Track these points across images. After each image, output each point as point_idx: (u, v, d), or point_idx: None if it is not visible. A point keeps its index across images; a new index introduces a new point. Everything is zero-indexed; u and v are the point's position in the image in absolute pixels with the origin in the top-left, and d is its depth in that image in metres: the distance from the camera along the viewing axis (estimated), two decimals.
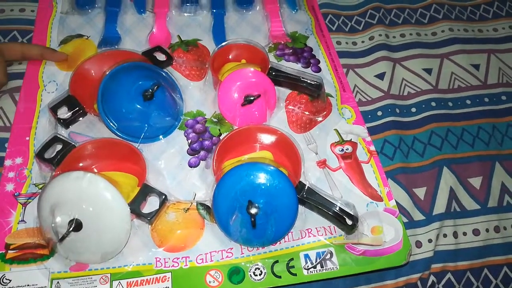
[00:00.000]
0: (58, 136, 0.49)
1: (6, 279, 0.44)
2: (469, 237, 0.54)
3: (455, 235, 0.54)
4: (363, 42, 0.70)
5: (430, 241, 0.53)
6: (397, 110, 0.62)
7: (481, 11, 0.77)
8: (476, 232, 0.55)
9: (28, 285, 0.44)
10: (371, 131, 0.60)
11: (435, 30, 0.73)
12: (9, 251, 0.45)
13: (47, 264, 0.45)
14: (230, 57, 0.62)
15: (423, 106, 0.63)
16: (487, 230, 0.55)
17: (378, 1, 0.75)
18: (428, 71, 0.68)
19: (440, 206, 0.56)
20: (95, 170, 0.49)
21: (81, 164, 0.49)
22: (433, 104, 0.63)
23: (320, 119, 0.59)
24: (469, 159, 0.59)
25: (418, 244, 0.53)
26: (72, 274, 0.45)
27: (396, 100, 0.64)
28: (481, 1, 0.78)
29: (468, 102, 0.65)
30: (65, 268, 0.45)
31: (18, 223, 0.47)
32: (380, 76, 0.66)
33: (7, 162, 0.51)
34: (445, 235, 0.54)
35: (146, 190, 0.47)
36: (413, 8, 0.75)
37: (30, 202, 0.49)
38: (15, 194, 0.49)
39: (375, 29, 0.71)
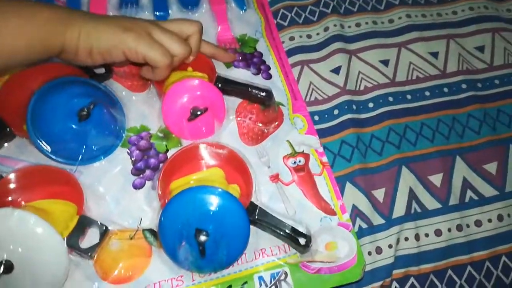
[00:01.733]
0: None
1: None
2: (431, 239, 0.53)
3: (416, 237, 0.53)
4: (318, 34, 0.67)
5: (390, 246, 0.52)
6: (354, 107, 0.60)
7: None
8: (438, 232, 0.54)
9: None
10: (328, 131, 0.59)
11: (391, 17, 0.70)
12: None
13: None
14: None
15: (380, 101, 0.61)
16: (449, 230, 0.54)
17: None
18: (385, 62, 0.65)
19: (399, 208, 0.54)
20: (23, 203, 0.44)
21: (9, 198, 0.44)
22: (391, 98, 0.61)
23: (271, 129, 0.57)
24: (428, 156, 0.58)
25: (379, 250, 0.52)
26: None
27: (353, 96, 0.61)
28: None
29: (427, 93, 0.63)
30: None
31: None
32: (336, 71, 0.63)
33: None
34: (406, 239, 0.53)
35: (84, 222, 0.43)
36: None
37: None
38: None
39: (330, 18, 0.67)
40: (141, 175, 0.51)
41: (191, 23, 0.50)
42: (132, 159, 0.52)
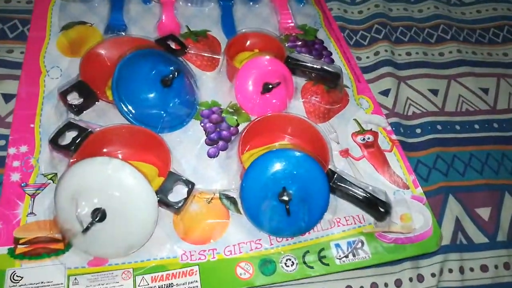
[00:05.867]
0: (73, 121, 0.46)
1: (17, 276, 0.40)
2: (477, 274, 0.50)
3: (461, 270, 0.50)
4: (368, 57, 0.67)
5: (433, 275, 0.49)
6: (401, 130, 0.59)
7: (490, 34, 0.75)
8: (484, 268, 0.51)
9: (43, 282, 0.40)
10: None
11: (442, 50, 0.70)
12: (18, 246, 0.41)
13: (62, 259, 0.41)
14: (245, 47, 0.60)
15: (429, 127, 0.60)
16: (496, 267, 0.51)
17: (385, 17, 0.72)
18: (434, 92, 0.65)
19: (445, 237, 0.51)
20: (119, 157, 0.45)
21: (104, 150, 0.45)
22: (439, 127, 0.61)
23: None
24: (477, 188, 0.56)
25: (420, 278, 0.48)
26: (90, 269, 0.41)
27: (401, 119, 0.60)
28: (490, 25, 0.76)
29: (477, 126, 0.62)
30: (83, 263, 0.41)
31: (27, 216, 0.43)
32: (385, 93, 0.63)
33: (11, 150, 0.47)
34: (450, 270, 0.50)
35: (173, 178, 0.44)
36: (420, 27, 0.73)
37: (39, 193, 0.45)
38: (22, 184, 0.45)
39: (381, 44, 0.68)
40: (215, 146, 0.52)
41: None
42: (206, 130, 0.53)
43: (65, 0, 0.63)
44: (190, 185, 0.44)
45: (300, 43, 0.65)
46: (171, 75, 0.49)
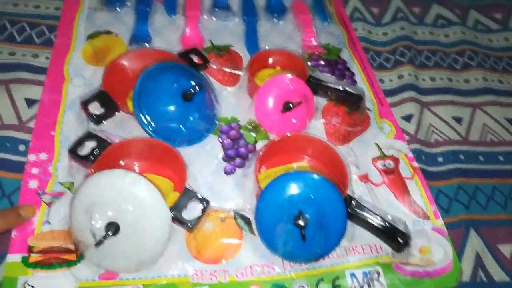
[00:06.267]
0: (93, 132, 0.46)
1: (28, 284, 0.39)
2: None
3: None
4: (391, 80, 0.66)
5: None
6: (423, 157, 0.57)
7: None
8: None
9: None
10: None
11: (468, 77, 0.69)
12: (32, 254, 0.41)
13: (74, 271, 0.41)
14: (267, 64, 0.60)
15: (451, 156, 0.59)
16: None
17: (410, 40, 0.71)
18: (458, 120, 0.63)
19: (464, 273, 0.49)
20: (136, 171, 0.45)
21: (121, 163, 0.45)
22: (462, 156, 0.59)
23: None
24: (499, 223, 0.54)
25: None
26: (101, 283, 0.41)
27: (422, 146, 0.59)
28: None
29: (501, 158, 0.60)
30: (94, 276, 0.41)
31: (42, 224, 0.43)
32: (407, 118, 0.62)
33: (31, 157, 0.47)
34: None
35: (188, 195, 0.43)
36: (446, 52, 0.72)
37: (55, 201, 0.45)
38: (39, 192, 0.45)
39: (405, 67, 0.67)
40: (232, 162, 0.52)
41: None
42: (224, 146, 0.53)
43: (93, 8, 0.63)
44: (205, 203, 0.44)
45: (323, 62, 0.64)
46: (192, 90, 0.49)
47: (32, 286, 0.39)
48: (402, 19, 0.74)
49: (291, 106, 0.53)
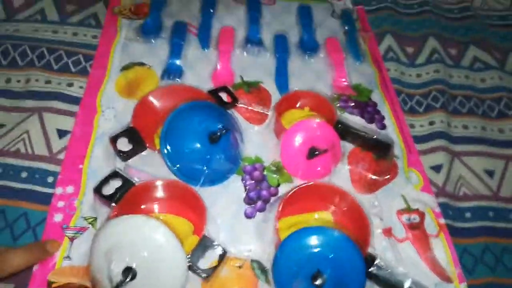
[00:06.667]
0: (118, 171, 0.47)
1: None
2: None
3: None
4: (422, 126, 0.64)
5: None
6: (450, 212, 0.55)
7: None
8: None
9: None
10: None
11: (502, 127, 0.66)
12: None
13: None
14: (296, 104, 0.59)
15: (479, 213, 0.56)
16: None
17: (444, 83, 0.69)
18: (490, 173, 0.61)
19: None
20: (156, 211, 0.46)
21: (142, 206, 0.46)
22: (491, 214, 0.57)
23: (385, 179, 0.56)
24: None
25: None
26: None
27: (450, 200, 0.56)
28: None
29: None
30: None
31: (63, 259, 0.44)
32: (437, 169, 0.59)
33: (58, 190, 0.48)
34: None
35: (205, 244, 0.43)
36: (481, 98, 0.69)
37: (78, 236, 0.46)
38: (63, 226, 0.46)
39: (437, 113, 0.65)
40: (253, 205, 0.51)
41: None
42: (246, 187, 0.53)
43: (128, 39, 0.65)
44: (222, 252, 0.43)
45: (352, 104, 0.63)
46: (218, 133, 0.49)
47: None
48: (438, 60, 0.72)
49: (316, 154, 0.52)
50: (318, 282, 0.41)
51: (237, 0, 0.75)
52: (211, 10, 0.72)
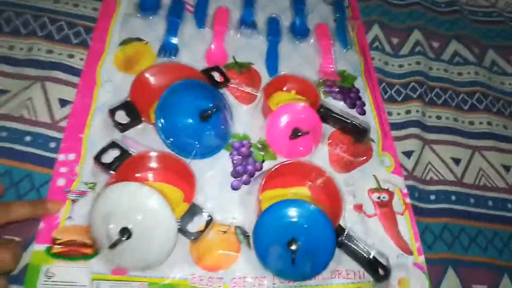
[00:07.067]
0: (116, 142, 0.51)
1: (50, 272, 0.45)
2: None
3: None
4: (399, 114, 0.69)
5: None
6: (416, 194, 0.61)
7: None
8: None
9: (70, 282, 0.45)
10: None
11: (473, 119, 0.71)
12: (55, 246, 0.47)
13: (90, 264, 0.47)
14: (283, 87, 0.64)
15: (442, 196, 0.62)
16: None
17: (423, 75, 0.73)
18: (457, 161, 0.66)
19: None
20: (150, 179, 0.50)
21: (137, 175, 0.50)
22: (453, 197, 0.62)
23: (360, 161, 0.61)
24: (477, 264, 0.57)
25: None
26: (112, 277, 0.46)
27: (417, 183, 0.62)
28: None
29: (490, 203, 0.63)
30: (106, 270, 0.47)
31: (66, 219, 0.49)
32: (408, 154, 0.64)
33: (61, 157, 0.52)
34: None
35: (194, 210, 0.49)
36: (456, 91, 0.74)
37: (79, 199, 0.50)
38: (66, 190, 0.50)
39: (414, 103, 0.69)
40: (239, 178, 0.56)
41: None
42: (234, 162, 0.57)
43: (128, 14, 0.68)
44: (209, 218, 0.49)
45: (337, 89, 0.68)
46: (209, 111, 0.53)
47: (53, 274, 0.45)
48: (420, 53, 0.76)
49: (299, 135, 0.57)
50: (293, 247, 0.47)
51: None
52: None
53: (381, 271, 0.49)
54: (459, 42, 0.80)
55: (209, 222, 0.49)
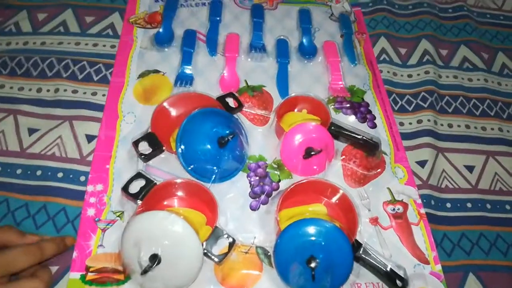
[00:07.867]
0: (142, 173, 0.55)
1: None
2: None
3: None
4: (410, 123, 0.70)
5: None
6: (432, 202, 0.62)
7: None
8: None
9: None
10: None
11: (485, 125, 0.72)
12: (89, 273, 0.50)
13: None
14: (294, 108, 0.66)
15: (458, 204, 0.63)
16: None
17: (433, 84, 0.74)
18: (470, 168, 0.67)
19: None
20: (175, 206, 0.55)
21: (163, 202, 0.54)
22: (469, 205, 0.63)
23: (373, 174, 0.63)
24: (499, 268, 0.58)
25: None
26: None
27: (433, 192, 0.63)
28: None
29: (508, 207, 0.63)
30: None
31: (97, 247, 0.52)
32: (422, 164, 0.65)
33: (89, 188, 0.56)
34: None
35: (217, 233, 0.51)
36: (467, 97, 0.74)
37: (108, 228, 0.54)
38: (96, 219, 0.54)
39: (425, 113, 0.71)
40: (257, 199, 0.59)
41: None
42: (251, 183, 0.60)
43: (144, 48, 0.72)
44: (231, 240, 0.52)
45: (348, 105, 0.70)
46: (226, 138, 0.56)
47: None
48: (429, 62, 0.77)
49: (312, 154, 0.59)
50: (312, 265, 0.49)
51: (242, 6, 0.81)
52: (218, 18, 0.78)
53: (399, 283, 0.51)
54: (468, 48, 0.81)
55: (232, 244, 0.52)
